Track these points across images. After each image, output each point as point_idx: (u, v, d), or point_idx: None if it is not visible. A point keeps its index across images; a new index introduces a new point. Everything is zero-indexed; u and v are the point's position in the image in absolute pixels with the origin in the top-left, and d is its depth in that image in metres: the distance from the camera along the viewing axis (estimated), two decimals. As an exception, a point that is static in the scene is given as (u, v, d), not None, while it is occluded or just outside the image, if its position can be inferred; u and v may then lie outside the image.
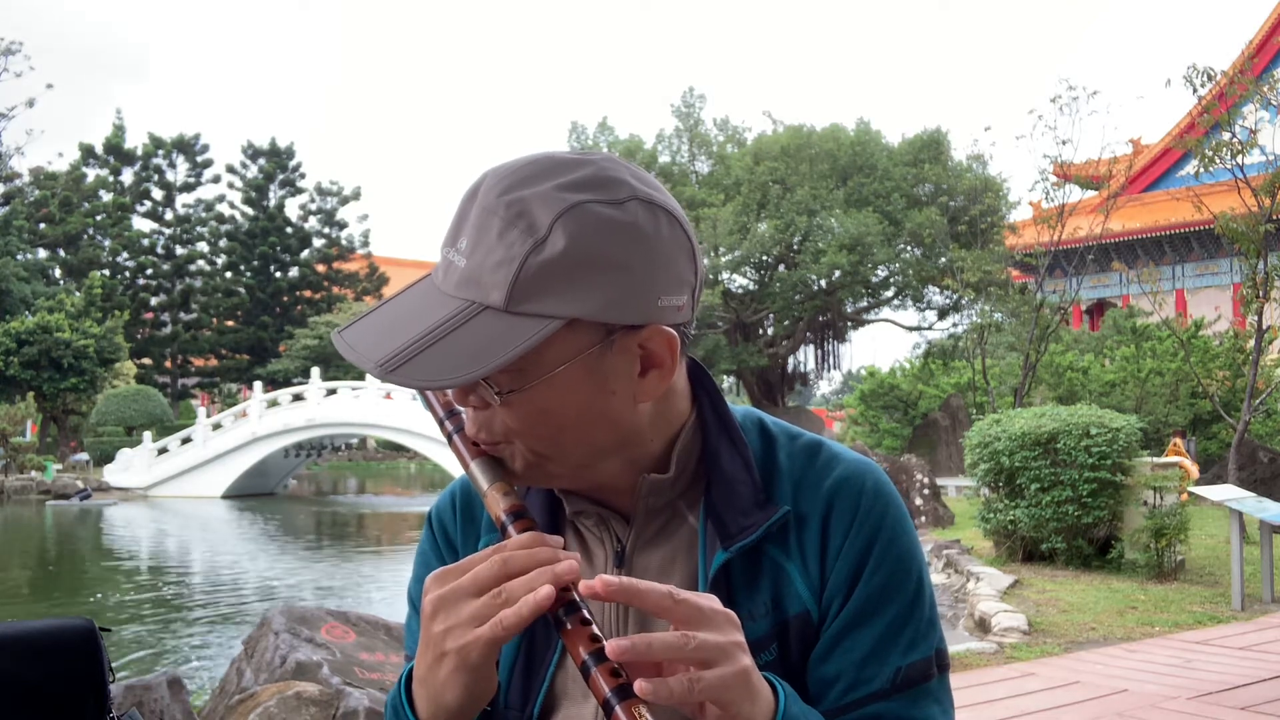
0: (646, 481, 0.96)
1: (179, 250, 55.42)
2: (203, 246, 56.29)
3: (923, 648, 0.96)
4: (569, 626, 0.81)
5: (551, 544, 0.84)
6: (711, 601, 0.82)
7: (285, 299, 56.01)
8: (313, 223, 57.14)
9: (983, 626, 7.76)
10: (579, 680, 0.96)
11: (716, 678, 0.78)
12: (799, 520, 0.97)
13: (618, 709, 0.76)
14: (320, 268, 56.67)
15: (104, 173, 53.95)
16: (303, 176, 56.96)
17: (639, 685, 0.76)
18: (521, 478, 0.93)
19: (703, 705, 0.80)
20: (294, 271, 56.39)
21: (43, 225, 49.49)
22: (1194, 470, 16.08)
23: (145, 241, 54.24)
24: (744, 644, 0.82)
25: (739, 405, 1.06)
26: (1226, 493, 9.28)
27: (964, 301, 29.72)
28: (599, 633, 0.81)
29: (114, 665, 2.23)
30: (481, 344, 0.83)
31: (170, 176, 55.81)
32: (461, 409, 0.94)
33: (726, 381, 36.65)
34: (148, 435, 34.88)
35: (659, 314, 0.89)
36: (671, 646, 0.78)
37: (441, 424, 0.96)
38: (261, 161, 55.96)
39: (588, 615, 0.82)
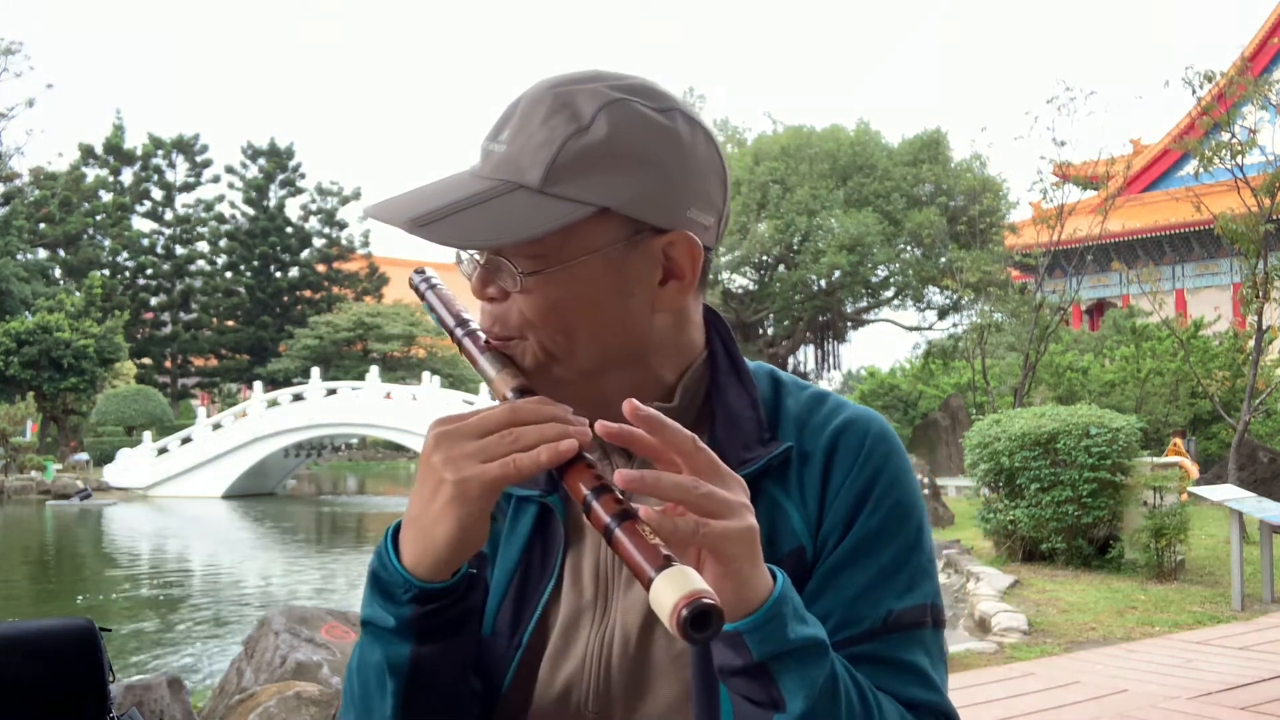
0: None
1: (179, 250, 55.41)
2: (203, 246, 56.28)
3: (917, 595, 0.94)
4: (572, 469, 0.80)
5: (561, 409, 0.84)
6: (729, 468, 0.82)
7: (285, 299, 56.00)
8: (313, 223, 57.10)
9: (983, 626, 7.76)
10: (570, 612, 0.96)
11: (723, 528, 0.77)
12: (801, 458, 0.97)
13: (618, 530, 0.75)
14: (320, 268, 56.65)
15: (104, 173, 53.92)
16: (303, 176, 56.94)
17: (644, 510, 0.75)
18: (528, 376, 0.92)
19: (700, 556, 0.78)
20: (294, 271, 56.37)
21: (43, 225, 49.43)
22: (1194, 470, 16.09)
23: (145, 241, 54.26)
24: (752, 510, 0.80)
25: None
26: (1226, 493, 9.28)
27: (964, 301, 29.68)
28: (603, 475, 0.80)
29: (113, 665, 2.23)
30: (512, 217, 0.85)
31: (170, 176, 55.81)
32: (470, 319, 0.96)
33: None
34: (148, 435, 34.87)
35: (687, 224, 0.90)
36: (681, 487, 0.77)
37: (451, 332, 0.97)
38: (261, 161, 55.95)
39: (592, 461, 0.82)
